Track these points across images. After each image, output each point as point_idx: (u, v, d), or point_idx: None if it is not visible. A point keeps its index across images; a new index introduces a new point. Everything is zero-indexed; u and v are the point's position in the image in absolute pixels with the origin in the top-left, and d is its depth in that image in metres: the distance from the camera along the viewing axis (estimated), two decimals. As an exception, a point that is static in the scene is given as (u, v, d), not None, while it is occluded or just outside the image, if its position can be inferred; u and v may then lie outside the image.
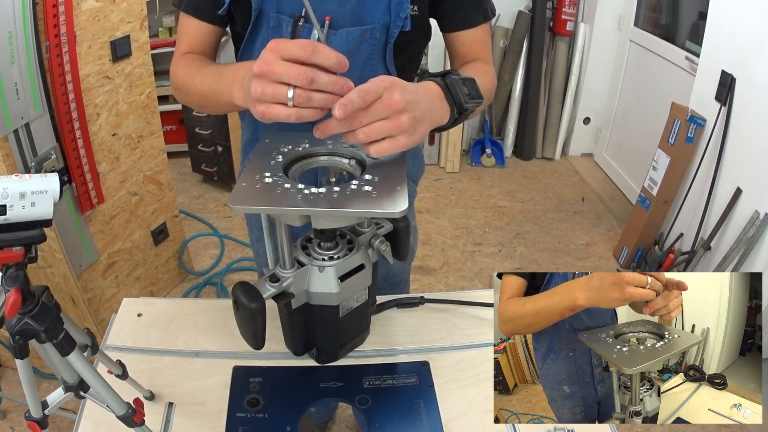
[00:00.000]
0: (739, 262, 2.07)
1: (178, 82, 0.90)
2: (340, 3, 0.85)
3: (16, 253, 0.53)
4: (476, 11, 0.94)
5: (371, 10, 0.86)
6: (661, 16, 3.12)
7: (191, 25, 0.92)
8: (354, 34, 0.86)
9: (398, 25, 0.86)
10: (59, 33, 1.54)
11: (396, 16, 0.85)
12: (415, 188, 1.15)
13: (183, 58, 0.92)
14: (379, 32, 0.87)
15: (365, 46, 0.88)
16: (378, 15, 0.86)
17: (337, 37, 0.86)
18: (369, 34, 0.87)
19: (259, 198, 0.66)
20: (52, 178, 0.54)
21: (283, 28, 0.87)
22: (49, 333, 0.56)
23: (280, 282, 0.75)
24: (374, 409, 0.80)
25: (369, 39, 0.87)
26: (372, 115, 0.64)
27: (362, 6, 0.85)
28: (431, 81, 0.75)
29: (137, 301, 0.98)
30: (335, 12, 0.85)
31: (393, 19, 0.86)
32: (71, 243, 1.77)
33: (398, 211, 0.66)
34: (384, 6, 0.85)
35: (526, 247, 2.85)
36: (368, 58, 0.89)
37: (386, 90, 0.64)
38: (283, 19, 0.86)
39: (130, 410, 0.64)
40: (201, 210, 3.01)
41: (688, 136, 2.35)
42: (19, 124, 1.49)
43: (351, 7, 0.85)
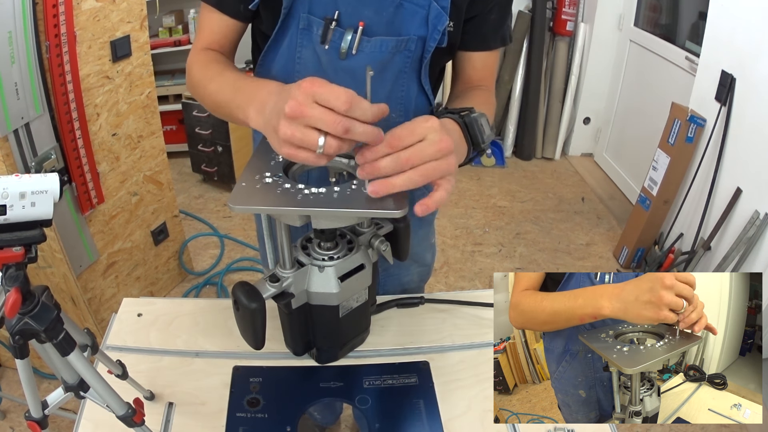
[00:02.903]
0: (739, 262, 2.07)
1: (194, 81, 0.87)
2: (377, 10, 0.82)
3: (16, 253, 0.53)
4: (495, 35, 0.92)
5: (408, 20, 0.83)
6: (661, 16, 3.12)
7: (213, 18, 0.88)
8: (389, 44, 0.83)
9: (435, 39, 0.83)
10: (59, 33, 1.54)
11: (433, 29, 0.82)
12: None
13: (201, 54, 0.88)
14: (415, 44, 0.84)
15: (399, 58, 0.85)
16: (415, 27, 0.83)
17: (370, 45, 0.83)
18: (404, 46, 0.84)
19: (259, 198, 0.66)
20: (52, 178, 0.54)
21: (313, 31, 0.84)
22: (49, 333, 0.56)
23: (280, 282, 0.75)
24: (374, 409, 0.80)
25: (404, 51, 0.85)
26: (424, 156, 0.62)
27: (399, 15, 0.82)
28: (451, 119, 0.74)
29: (137, 301, 0.98)
30: (370, 19, 0.82)
31: (430, 32, 0.83)
32: (71, 243, 1.77)
33: (398, 211, 0.66)
34: (421, 18, 0.82)
35: (526, 247, 2.85)
36: (401, 71, 0.87)
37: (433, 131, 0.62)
38: (314, 20, 0.83)
39: (130, 410, 0.64)
40: (201, 210, 3.01)
41: (688, 136, 2.35)
42: (19, 124, 1.49)
43: (387, 15, 0.82)
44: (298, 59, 0.87)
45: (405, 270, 1.13)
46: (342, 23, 0.82)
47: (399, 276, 1.13)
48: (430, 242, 1.16)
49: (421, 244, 1.13)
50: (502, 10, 0.90)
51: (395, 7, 0.82)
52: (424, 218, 1.07)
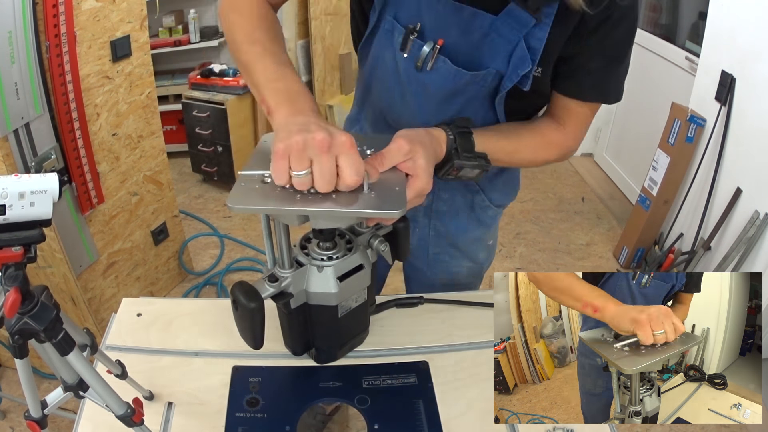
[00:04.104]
0: (739, 262, 2.07)
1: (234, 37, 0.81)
2: (463, 32, 0.79)
3: (15, 253, 0.53)
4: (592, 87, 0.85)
5: (491, 53, 0.80)
6: (661, 16, 3.12)
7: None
8: (464, 76, 0.82)
9: (513, 80, 0.80)
10: (59, 33, 1.54)
11: (513, 71, 0.79)
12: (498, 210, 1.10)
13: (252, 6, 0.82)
14: (492, 77, 0.82)
15: (472, 88, 0.84)
16: (495, 62, 0.80)
17: (446, 67, 0.82)
18: (480, 78, 0.82)
19: (258, 198, 0.66)
20: (52, 178, 0.54)
21: (394, 36, 0.84)
22: (49, 333, 0.56)
23: (278, 282, 0.75)
24: (373, 409, 0.80)
25: (479, 82, 0.83)
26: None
27: (483, 45, 0.80)
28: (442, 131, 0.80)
29: (137, 301, 0.98)
30: (453, 39, 0.80)
31: (509, 72, 0.80)
32: (71, 243, 1.77)
33: (396, 212, 0.66)
34: (506, 53, 0.79)
35: (526, 247, 2.85)
36: (473, 99, 0.86)
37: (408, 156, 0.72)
38: (396, 26, 0.84)
39: (130, 410, 0.64)
40: (201, 210, 3.01)
41: (688, 136, 2.35)
42: (19, 124, 1.49)
43: (471, 41, 0.80)
44: (381, 56, 0.89)
45: (455, 260, 1.14)
46: (424, 36, 0.82)
47: (449, 265, 1.14)
48: (485, 243, 1.15)
49: (475, 243, 1.13)
50: (608, 60, 0.82)
51: (481, 35, 0.79)
52: (481, 220, 1.09)
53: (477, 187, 1.04)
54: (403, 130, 0.76)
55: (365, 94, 1.01)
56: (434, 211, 1.07)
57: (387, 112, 0.97)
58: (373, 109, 1.00)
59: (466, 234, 1.10)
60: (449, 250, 1.12)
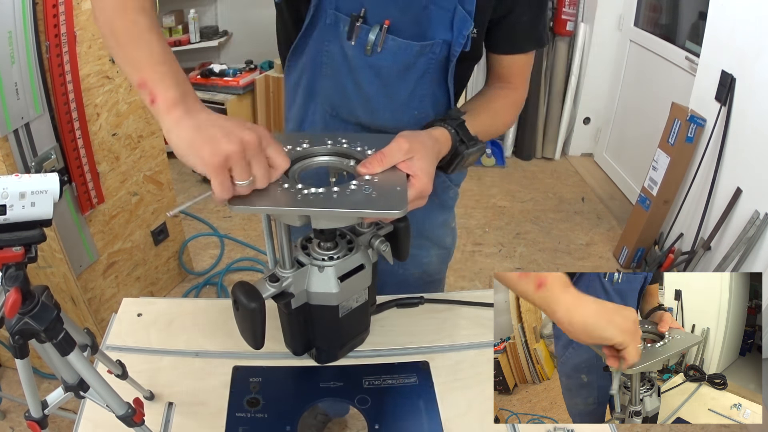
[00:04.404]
0: (739, 262, 2.07)
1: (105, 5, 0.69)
2: (402, 9, 0.83)
3: (15, 253, 0.53)
4: (528, 37, 0.92)
5: (434, 22, 0.84)
6: (661, 16, 3.12)
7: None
8: (413, 47, 0.85)
9: (460, 44, 0.84)
10: (59, 33, 1.54)
11: (458, 34, 0.83)
12: (456, 191, 1.13)
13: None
14: (440, 48, 0.85)
15: (423, 60, 0.87)
16: (440, 30, 0.84)
17: (396, 44, 0.85)
18: (429, 49, 0.85)
19: (258, 198, 0.66)
20: (52, 178, 0.54)
21: (340, 27, 0.86)
22: (49, 333, 0.56)
23: (279, 282, 0.75)
24: (374, 409, 0.80)
25: (428, 53, 0.86)
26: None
27: (425, 17, 0.83)
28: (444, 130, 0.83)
29: (137, 301, 0.98)
30: (396, 18, 0.83)
31: (455, 37, 0.84)
32: (71, 243, 1.76)
33: (398, 211, 0.66)
34: (447, 21, 0.83)
35: (526, 247, 2.85)
36: (425, 72, 0.88)
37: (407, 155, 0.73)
38: (340, 17, 0.85)
39: (130, 410, 0.64)
40: (201, 210, 3.01)
41: (688, 136, 2.35)
42: (19, 124, 1.49)
43: (413, 15, 0.83)
44: (326, 53, 0.89)
45: (425, 251, 1.15)
46: (368, 20, 0.84)
47: (419, 257, 1.15)
48: (450, 227, 1.17)
49: (441, 228, 1.15)
50: (534, 11, 0.89)
51: (421, 8, 0.83)
52: (444, 204, 1.11)
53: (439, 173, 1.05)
54: (404, 131, 0.77)
55: (308, 98, 0.98)
56: None
57: (339, 108, 0.95)
58: (322, 111, 0.97)
59: (432, 220, 1.12)
60: (418, 241, 1.12)
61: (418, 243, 1.12)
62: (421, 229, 1.11)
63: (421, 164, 0.73)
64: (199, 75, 3.10)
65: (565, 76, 3.54)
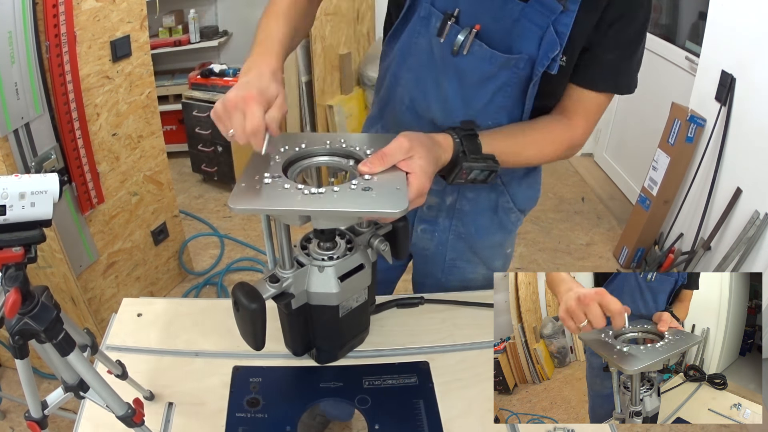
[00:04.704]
0: (739, 262, 2.07)
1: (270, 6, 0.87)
2: (495, 17, 0.83)
3: (15, 253, 0.53)
4: (607, 77, 0.88)
5: (522, 38, 0.83)
6: (661, 16, 3.12)
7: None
8: (498, 58, 0.84)
9: (544, 64, 0.82)
10: (59, 33, 1.54)
11: (544, 54, 0.82)
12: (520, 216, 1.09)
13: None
14: (524, 64, 0.84)
15: (505, 73, 0.86)
16: (527, 46, 0.83)
17: (482, 51, 0.84)
18: (513, 63, 0.85)
19: (259, 198, 0.66)
20: (52, 178, 0.54)
21: (431, 22, 0.87)
22: (49, 333, 0.56)
23: (279, 282, 0.75)
24: (374, 409, 0.80)
25: (512, 67, 0.85)
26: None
27: (515, 30, 0.83)
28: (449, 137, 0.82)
29: (137, 301, 0.98)
30: (487, 24, 0.84)
31: (540, 57, 0.82)
32: (71, 243, 1.76)
33: (398, 211, 0.66)
34: (536, 38, 0.82)
35: (526, 247, 2.85)
36: (505, 85, 0.87)
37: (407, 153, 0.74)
38: (434, 12, 0.87)
39: (130, 410, 0.64)
40: (201, 210, 3.01)
41: (688, 136, 2.35)
42: (19, 124, 1.49)
43: (505, 25, 0.83)
44: (414, 44, 0.91)
45: (472, 267, 1.13)
46: (460, 21, 0.85)
47: (465, 272, 1.13)
48: (505, 251, 1.14)
49: (494, 248, 1.12)
50: (623, 52, 0.86)
51: (513, 20, 0.83)
52: (502, 225, 1.08)
53: (502, 188, 1.04)
54: (405, 131, 0.77)
55: (392, 87, 0.99)
56: (457, 210, 1.06)
57: (418, 102, 0.96)
58: (401, 102, 0.98)
59: (487, 237, 1.09)
60: (467, 255, 1.11)
61: (467, 257, 1.11)
62: (473, 244, 1.09)
63: (420, 162, 0.73)
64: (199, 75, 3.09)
65: (565, 76, 3.54)
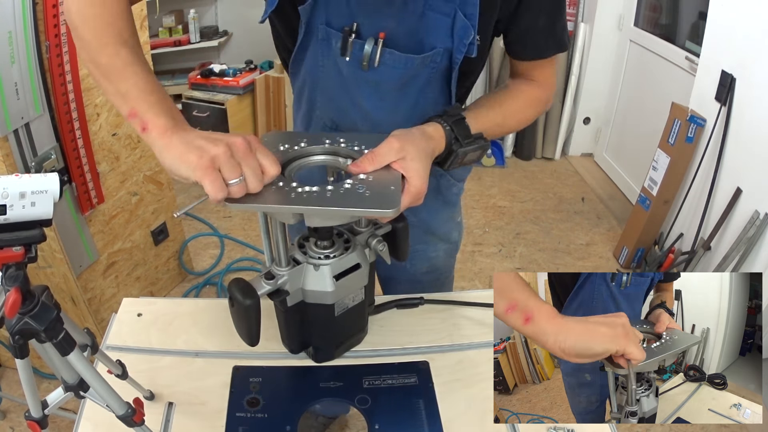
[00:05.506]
0: (739, 262, 2.07)
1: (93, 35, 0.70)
2: (398, 20, 0.79)
3: (16, 253, 0.53)
4: (548, 42, 0.88)
5: (432, 32, 0.80)
6: (661, 16, 3.12)
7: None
8: (414, 61, 0.82)
9: (462, 51, 0.80)
10: (59, 33, 1.54)
11: (459, 42, 0.80)
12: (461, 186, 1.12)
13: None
14: (441, 57, 0.82)
15: (424, 71, 0.84)
16: (440, 38, 0.80)
17: (393, 58, 0.81)
18: (430, 59, 0.82)
19: (253, 196, 0.66)
20: (52, 178, 0.54)
21: (332, 43, 0.83)
22: (49, 333, 0.56)
23: (275, 279, 0.75)
24: (374, 409, 0.80)
25: (429, 64, 0.83)
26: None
27: (423, 26, 0.80)
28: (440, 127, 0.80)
29: (137, 301, 0.98)
30: (391, 29, 0.80)
31: (456, 45, 0.80)
32: (71, 243, 1.76)
33: (389, 211, 0.66)
34: (446, 29, 0.79)
35: (526, 247, 2.85)
36: (427, 84, 0.86)
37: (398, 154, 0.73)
38: (332, 32, 0.82)
39: (130, 410, 0.64)
40: (201, 210, 3.01)
41: (688, 136, 2.35)
42: (19, 124, 1.49)
43: (409, 25, 0.80)
44: (321, 68, 0.87)
45: (432, 246, 1.15)
46: (361, 34, 0.81)
47: (426, 252, 1.15)
48: (455, 221, 1.17)
49: (447, 223, 1.14)
50: (550, 14, 0.86)
51: (418, 17, 0.79)
52: (448, 200, 1.10)
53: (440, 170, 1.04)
54: (397, 129, 0.76)
55: (310, 110, 0.96)
56: None
57: (340, 122, 0.94)
58: (324, 125, 0.96)
59: (438, 217, 1.11)
60: (425, 237, 1.12)
61: (424, 239, 1.13)
62: (427, 227, 1.11)
63: (414, 165, 0.72)
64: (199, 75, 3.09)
65: (565, 76, 3.54)
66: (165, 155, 0.65)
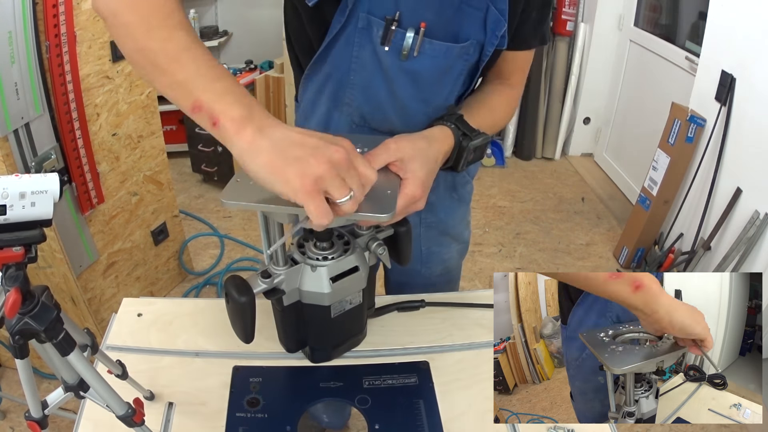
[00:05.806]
0: (739, 262, 2.07)
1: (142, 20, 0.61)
2: (437, 12, 0.81)
3: (16, 253, 0.53)
4: (534, 35, 0.91)
5: (468, 24, 0.82)
6: (661, 16, 3.12)
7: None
8: (453, 50, 0.83)
9: (493, 44, 0.83)
10: (59, 33, 1.54)
11: (491, 34, 0.82)
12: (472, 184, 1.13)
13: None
14: (473, 49, 0.84)
15: (460, 62, 0.86)
16: (474, 31, 0.83)
17: (432, 48, 0.83)
18: (465, 51, 0.84)
19: (249, 195, 0.66)
20: (52, 178, 0.54)
21: (373, 31, 0.82)
22: (49, 333, 0.56)
23: (271, 278, 0.75)
24: (374, 409, 0.80)
25: (464, 56, 0.85)
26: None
27: (459, 18, 0.82)
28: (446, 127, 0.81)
29: (137, 301, 0.98)
30: (431, 20, 0.81)
31: (488, 37, 0.83)
32: (71, 243, 1.76)
33: (385, 215, 0.65)
34: (480, 22, 0.82)
35: (526, 247, 2.85)
36: (458, 75, 0.88)
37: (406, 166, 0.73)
38: (374, 21, 0.81)
39: (130, 410, 0.64)
40: (201, 210, 3.01)
41: (688, 136, 2.35)
42: (19, 124, 1.49)
43: (447, 17, 0.82)
44: (355, 59, 0.85)
45: (446, 248, 1.16)
46: (403, 24, 0.81)
47: (440, 253, 1.15)
48: (466, 221, 1.18)
49: (461, 223, 1.15)
50: (542, 9, 0.89)
51: (455, 9, 0.81)
52: (462, 199, 1.11)
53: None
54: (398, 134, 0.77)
55: (333, 108, 0.93)
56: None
57: (371, 117, 0.92)
58: (348, 122, 0.94)
59: (454, 217, 1.12)
60: (440, 239, 1.13)
61: (440, 240, 1.13)
62: (444, 227, 1.12)
63: (411, 166, 0.72)
64: (199, 75, 3.09)
65: (565, 76, 3.54)
66: (250, 163, 0.56)
